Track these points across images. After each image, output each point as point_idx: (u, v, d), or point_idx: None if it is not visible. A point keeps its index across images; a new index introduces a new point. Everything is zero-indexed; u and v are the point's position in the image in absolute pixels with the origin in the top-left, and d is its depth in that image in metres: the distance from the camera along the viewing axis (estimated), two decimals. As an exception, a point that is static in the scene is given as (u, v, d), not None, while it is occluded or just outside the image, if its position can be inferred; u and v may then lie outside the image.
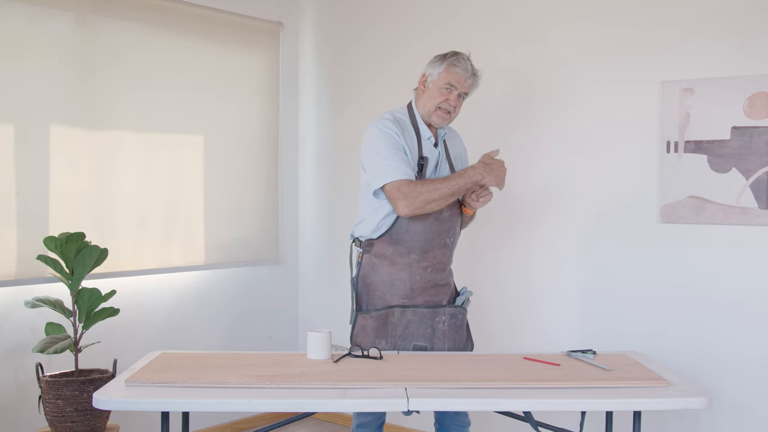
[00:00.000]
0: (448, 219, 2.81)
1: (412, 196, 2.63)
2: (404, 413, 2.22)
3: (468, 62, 2.80)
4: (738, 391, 3.13)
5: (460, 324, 2.85)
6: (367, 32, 4.32)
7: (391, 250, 2.78)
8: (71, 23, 3.52)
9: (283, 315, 4.54)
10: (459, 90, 2.77)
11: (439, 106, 2.77)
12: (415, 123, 2.83)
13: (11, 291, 3.30)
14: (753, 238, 3.09)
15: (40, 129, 3.40)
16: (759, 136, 3.06)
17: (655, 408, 2.22)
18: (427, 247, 2.78)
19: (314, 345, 2.51)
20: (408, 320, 2.77)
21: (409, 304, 2.77)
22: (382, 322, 2.77)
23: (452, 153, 2.92)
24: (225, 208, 4.18)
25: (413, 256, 2.77)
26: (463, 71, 2.77)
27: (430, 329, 2.78)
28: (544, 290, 3.65)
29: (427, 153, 2.80)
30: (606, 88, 3.44)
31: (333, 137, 4.45)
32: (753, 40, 3.08)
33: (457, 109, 2.82)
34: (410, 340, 2.76)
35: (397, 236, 2.76)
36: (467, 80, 2.78)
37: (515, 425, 3.02)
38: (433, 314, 2.79)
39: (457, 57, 2.80)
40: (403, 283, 2.77)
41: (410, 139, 2.78)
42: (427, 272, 2.79)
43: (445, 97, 2.76)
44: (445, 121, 2.81)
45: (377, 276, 2.80)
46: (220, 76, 4.14)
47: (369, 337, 2.78)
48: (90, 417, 3.12)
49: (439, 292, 2.83)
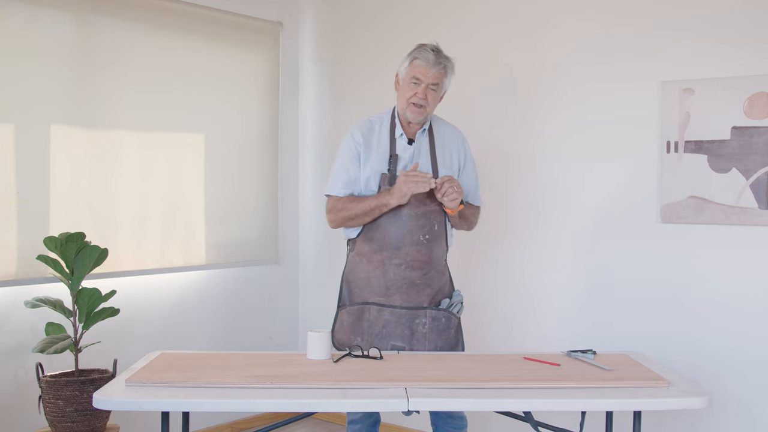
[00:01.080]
0: (423, 216, 2.79)
1: (333, 212, 2.84)
2: (404, 413, 2.22)
3: (430, 53, 2.76)
4: (738, 391, 3.13)
5: (443, 328, 2.81)
6: (367, 32, 4.32)
7: (367, 247, 2.83)
8: (71, 23, 3.51)
9: (283, 315, 4.54)
10: (425, 82, 2.76)
11: (410, 102, 2.78)
12: (393, 122, 2.87)
13: (11, 291, 3.30)
14: (753, 238, 3.09)
15: (40, 129, 3.40)
16: (759, 136, 3.06)
17: (655, 408, 2.22)
18: (398, 244, 2.79)
19: (314, 345, 2.51)
20: (386, 320, 2.79)
21: (386, 304, 2.80)
22: (357, 317, 2.82)
23: (440, 148, 2.88)
24: (225, 208, 4.18)
25: (385, 253, 2.80)
26: (425, 62, 2.75)
27: (408, 330, 2.78)
28: (544, 290, 3.65)
29: (399, 151, 2.83)
30: (606, 88, 3.44)
31: (333, 137, 4.45)
32: (753, 40, 3.08)
33: (431, 102, 2.79)
34: (388, 339, 2.78)
35: (371, 234, 2.82)
36: (431, 70, 2.75)
37: (515, 425, 3.02)
38: (412, 315, 2.79)
39: (419, 49, 2.79)
40: (378, 280, 2.81)
41: (382, 139, 2.84)
42: (401, 269, 2.79)
43: (413, 92, 2.77)
44: (420, 115, 2.80)
45: (357, 274, 2.87)
46: (220, 76, 4.13)
47: (345, 333, 2.84)
48: (90, 417, 3.12)
49: (420, 292, 2.81)
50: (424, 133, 2.87)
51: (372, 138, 2.86)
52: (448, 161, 2.89)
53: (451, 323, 2.83)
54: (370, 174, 2.82)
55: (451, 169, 2.88)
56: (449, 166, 2.88)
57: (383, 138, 2.86)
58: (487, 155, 3.65)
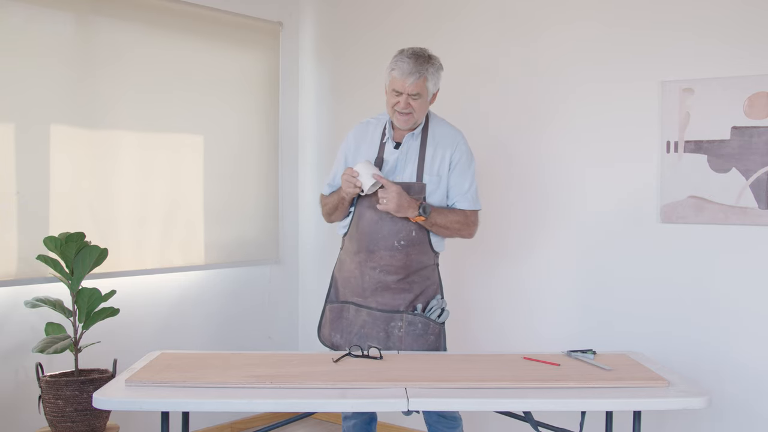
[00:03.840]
0: (400, 221, 2.77)
1: (321, 207, 3.02)
2: (404, 413, 2.22)
3: (406, 61, 2.70)
4: (738, 391, 3.13)
5: (420, 333, 2.78)
6: (367, 32, 4.32)
7: (350, 247, 2.89)
8: (71, 23, 3.51)
9: (283, 315, 4.54)
10: (404, 92, 2.72)
11: (394, 109, 2.78)
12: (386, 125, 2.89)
13: (11, 291, 3.30)
14: (753, 238, 3.09)
15: (40, 129, 3.40)
16: (759, 136, 3.06)
17: (655, 408, 2.22)
18: (372, 248, 2.79)
19: (365, 171, 2.69)
20: (363, 320, 2.82)
21: (363, 304, 2.82)
22: (338, 315, 2.89)
23: (430, 151, 2.82)
24: (225, 208, 4.18)
25: (361, 255, 2.82)
26: (400, 74, 2.70)
27: (384, 333, 2.78)
28: (544, 289, 3.64)
29: (386, 154, 2.85)
30: (606, 88, 3.44)
31: (333, 137, 4.45)
32: (753, 40, 3.08)
33: (417, 108, 2.75)
34: (365, 340, 2.79)
35: (353, 234, 2.87)
36: (407, 81, 2.70)
37: (514, 425, 3.02)
38: (388, 318, 2.79)
39: (396, 59, 2.74)
40: (357, 280, 2.85)
41: (372, 142, 2.89)
42: (375, 272, 2.80)
43: (396, 101, 2.76)
44: (407, 123, 2.78)
45: (342, 272, 2.94)
46: (220, 76, 4.13)
47: (326, 328, 2.93)
48: (90, 417, 3.12)
49: (395, 297, 2.80)
50: (414, 136, 2.84)
51: (364, 140, 2.91)
52: (437, 164, 2.82)
53: (429, 329, 2.79)
54: None
55: (438, 175, 2.81)
56: (437, 169, 2.81)
57: (374, 141, 2.89)
58: (486, 155, 3.65)
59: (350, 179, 2.72)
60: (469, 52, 3.82)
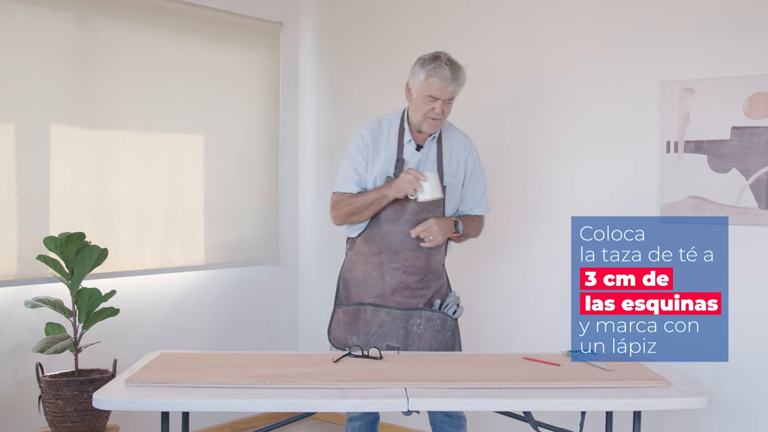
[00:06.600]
0: (421, 222, 2.79)
1: (337, 208, 2.84)
2: (404, 413, 2.22)
3: (446, 68, 2.70)
4: (738, 391, 3.13)
5: (439, 329, 2.82)
6: (367, 32, 4.32)
7: (366, 248, 2.85)
8: (71, 23, 3.51)
9: (283, 315, 4.54)
10: (442, 98, 2.73)
11: (426, 116, 2.76)
12: (402, 126, 2.86)
13: (11, 291, 3.30)
14: (753, 238, 3.09)
15: (40, 129, 3.40)
16: (759, 136, 3.06)
17: (655, 408, 2.22)
18: (397, 249, 2.80)
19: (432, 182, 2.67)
20: (381, 320, 2.81)
21: (382, 304, 2.82)
22: (353, 317, 2.84)
23: (447, 156, 2.88)
24: (225, 208, 4.17)
25: (384, 256, 2.81)
26: (442, 80, 2.70)
27: (403, 331, 2.80)
28: (544, 290, 3.64)
29: (406, 156, 2.83)
30: (606, 88, 3.44)
31: (333, 137, 4.45)
32: (753, 40, 3.08)
33: (447, 113, 2.79)
34: (383, 339, 2.79)
35: (371, 236, 2.83)
36: (448, 88, 2.71)
37: (514, 425, 3.02)
38: (407, 316, 2.80)
39: (435, 66, 2.71)
40: (375, 281, 2.82)
41: (390, 142, 2.84)
42: (398, 273, 2.81)
43: (430, 107, 2.74)
44: (436, 127, 2.80)
45: (354, 273, 2.88)
46: (220, 76, 4.13)
47: (342, 331, 2.86)
48: (90, 417, 3.12)
49: (415, 294, 2.82)
50: (433, 140, 2.87)
51: (380, 140, 2.85)
52: (455, 169, 2.88)
53: (446, 325, 2.83)
54: (376, 175, 2.82)
55: (456, 178, 2.88)
56: (455, 174, 2.88)
57: (391, 141, 2.85)
58: (487, 155, 3.64)
59: (414, 181, 2.67)
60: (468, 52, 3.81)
